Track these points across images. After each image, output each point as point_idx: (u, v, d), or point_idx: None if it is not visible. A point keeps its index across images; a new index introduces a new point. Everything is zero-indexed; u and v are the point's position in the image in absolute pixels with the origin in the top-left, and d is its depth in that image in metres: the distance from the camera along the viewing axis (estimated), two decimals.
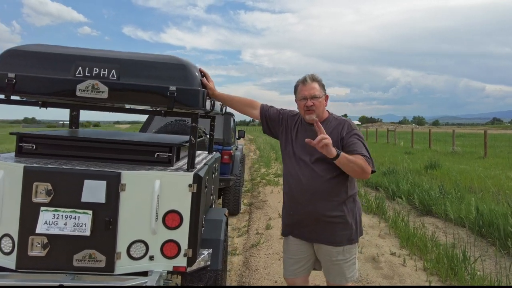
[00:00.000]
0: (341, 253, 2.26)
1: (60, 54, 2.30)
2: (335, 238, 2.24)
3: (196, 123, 2.49)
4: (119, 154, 2.60)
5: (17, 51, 2.32)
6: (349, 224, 2.25)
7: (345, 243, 2.25)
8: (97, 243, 2.25)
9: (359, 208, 2.37)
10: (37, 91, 2.26)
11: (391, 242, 4.74)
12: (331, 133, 2.23)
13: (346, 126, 2.27)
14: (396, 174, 8.46)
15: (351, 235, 2.27)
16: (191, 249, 2.38)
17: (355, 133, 2.25)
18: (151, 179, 2.33)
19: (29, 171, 2.24)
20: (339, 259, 2.26)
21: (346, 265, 2.28)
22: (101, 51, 2.40)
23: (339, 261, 2.27)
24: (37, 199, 2.23)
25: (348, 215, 2.25)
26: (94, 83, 2.22)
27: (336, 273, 2.29)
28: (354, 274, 2.33)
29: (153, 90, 2.26)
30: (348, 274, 2.29)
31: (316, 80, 2.31)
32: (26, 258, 2.24)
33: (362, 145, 2.20)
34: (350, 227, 2.25)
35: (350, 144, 2.19)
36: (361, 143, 2.21)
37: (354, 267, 2.32)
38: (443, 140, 23.79)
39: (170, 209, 2.36)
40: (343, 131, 2.24)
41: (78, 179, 2.23)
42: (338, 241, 2.24)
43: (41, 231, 2.20)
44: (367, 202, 6.64)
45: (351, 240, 2.27)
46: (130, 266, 2.33)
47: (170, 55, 2.43)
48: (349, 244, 2.27)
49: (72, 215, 2.23)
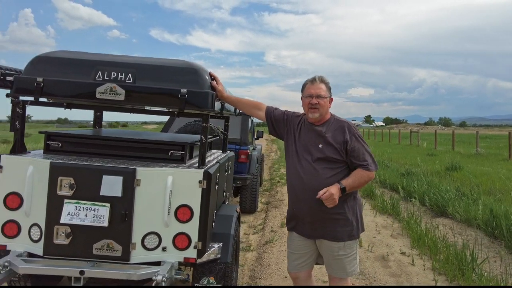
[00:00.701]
0: (342, 248, 2.37)
1: (82, 60, 2.52)
2: (336, 234, 2.35)
3: (207, 123, 2.66)
4: (136, 152, 2.80)
5: (45, 58, 2.55)
6: (350, 220, 2.36)
7: (346, 239, 2.36)
8: (114, 234, 2.45)
9: (360, 205, 2.48)
10: (61, 93, 2.48)
11: (402, 242, 4.78)
12: (333, 133, 2.37)
13: (348, 128, 2.39)
14: (413, 176, 8.40)
15: (352, 231, 2.37)
16: (200, 242, 2.55)
17: (356, 138, 2.37)
18: (164, 175, 2.52)
19: (54, 166, 2.46)
20: (340, 254, 2.38)
21: (347, 260, 2.39)
22: (120, 56, 2.60)
23: (340, 256, 2.38)
24: (61, 192, 2.45)
25: (349, 212, 2.36)
26: (112, 86, 2.42)
27: (337, 267, 2.41)
28: (355, 268, 2.44)
29: (165, 93, 2.44)
30: (349, 268, 2.41)
31: (324, 82, 2.44)
32: (52, 245, 2.46)
33: (363, 148, 2.35)
34: (351, 223, 2.36)
35: (354, 150, 2.33)
36: (362, 146, 2.36)
37: (355, 262, 2.43)
38: (467, 142, 23.20)
39: (182, 204, 2.54)
40: (346, 135, 2.36)
41: (97, 174, 2.44)
42: (339, 236, 2.35)
43: (64, 221, 2.42)
44: (382, 203, 6.66)
45: (351, 236, 2.37)
46: (145, 256, 2.52)
47: (182, 60, 2.61)
48: (349, 240, 2.37)
49: (92, 207, 2.44)
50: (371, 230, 5.35)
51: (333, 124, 2.42)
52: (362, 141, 2.37)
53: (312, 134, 2.40)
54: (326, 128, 2.40)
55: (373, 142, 29.43)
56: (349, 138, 2.34)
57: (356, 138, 2.35)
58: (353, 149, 2.32)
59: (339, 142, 2.33)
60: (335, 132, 2.37)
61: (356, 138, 2.35)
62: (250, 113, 2.75)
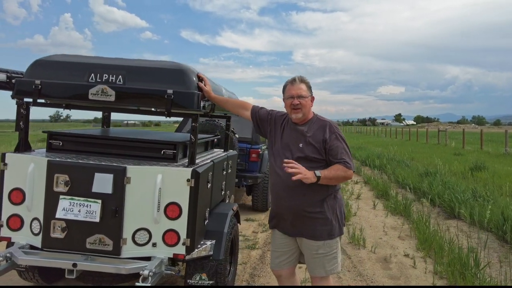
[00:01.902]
0: (322, 247, 2.38)
1: (77, 63, 2.64)
2: (315, 233, 2.37)
3: (196, 123, 2.72)
4: (131, 151, 2.91)
5: (44, 61, 2.69)
6: (329, 220, 2.37)
7: (326, 238, 2.37)
8: (105, 229, 2.56)
9: (341, 205, 2.48)
10: (57, 95, 2.62)
11: (409, 244, 4.70)
12: (314, 133, 2.39)
13: (328, 127, 2.40)
14: (433, 176, 8.16)
15: (331, 230, 2.38)
16: (189, 239, 2.62)
17: (336, 136, 2.37)
18: (153, 173, 2.60)
19: (51, 164, 2.60)
20: (319, 252, 2.39)
21: (326, 258, 2.40)
22: (112, 59, 2.71)
23: (319, 254, 2.39)
24: (57, 189, 2.58)
25: (328, 211, 2.37)
26: (103, 87, 2.53)
27: (317, 265, 2.42)
28: (335, 267, 2.44)
29: (153, 93, 2.53)
30: (328, 267, 2.41)
31: (304, 81, 2.46)
32: (49, 239, 2.60)
33: (343, 148, 2.34)
34: (330, 222, 2.37)
35: (332, 149, 2.33)
36: (342, 146, 2.35)
37: (335, 261, 2.43)
38: (498, 141, 22.23)
39: (171, 201, 2.62)
40: (326, 134, 2.37)
41: (90, 172, 2.55)
42: (318, 235, 2.37)
43: (59, 216, 2.55)
44: (395, 204, 6.54)
45: (331, 235, 2.38)
46: (135, 251, 2.61)
47: (171, 61, 2.68)
48: (329, 239, 2.38)
49: (84, 203, 2.56)
50: (378, 230, 5.28)
51: (315, 124, 2.44)
52: (342, 141, 2.37)
53: (294, 134, 2.43)
54: (308, 128, 2.42)
55: (400, 141, 28.74)
56: (329, 137, 2.35)
57: (336, 137, 2.36)
58: (331, 148, 2.33)
59: (319, 141, 2.35)
60: (316, 132, 2.39)
61: (336, 137, 2.36)
62: (237, 113, 2.79)
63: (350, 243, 4.73)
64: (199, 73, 2.69)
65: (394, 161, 12.15)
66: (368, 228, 5.43)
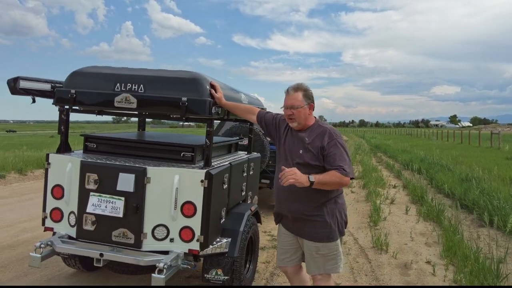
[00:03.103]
0: (321, 249, 2.48)
1: (105, 74, 2.95)
2: (315, 235, 2.47)
3: (212, 128, 2.92)
4: (155, 153, 3.17)
5: (78, 73, 3.03)
6: (328, 223, 2.45)
7: (325, 240, 2.46)
8: (128, 224, 2.83)
9: (342, 209, 2.54)
10: (89, 102, 2.94)
11: (434, 251, 4.59)
12: (314, 140, 2.45)
13: (328, 135, 2.44)
14: (471, 181, 7.79)
15: (330, 234, 2.46)
16: (202, 236, 2.83)
17: (335, 143, 2.40)
18: (171, 174, 2.84)
19: (83, 164, 2.93)
20: (318, 253, 2.49)
21: (325, 259, 2.49)
22: (135, 69, 2.99)
23: (318, 255, 2.50)
24: (88, 186, 2.90)
25: (327, 215, 2.44)
26: (127, 96, 2.81)
27: (315, 265, 2.52)
28: (334, 268, 2.51)
29: (169, 101, 2.77)
30: (327, 266, 2.50)
31: (301, 89, 2.48)
32: (82, 230, 2.93)
33: (341, 155, 2.36)
34: (329, 226, 2.45)
35: (329, 156, 2.37)
36: (340, 153, 2.37)
37: (335, 262, 2.51)
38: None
39: (187, 200, 2.84)
40: (325, 141, 2.41)
41: (115, 171, 2.84)
42: (318, 237, 2.47)
43: (89, 211, 2.87)
44: (428, 209, 6.36)
45: (330, 238, 2.46)
46: (154, 245, 2.87)
47: (187, 71, 2.91)
48: (328, 241, 2.47)
49: (110, 200, 2.85)
50: (405, 236, 5.20)
51: (316, 130, 2.49)
52: (341, 148, 2.38)
53: (295, 139, 2.52)
54: (308, 134, 2.49)
55: (451, 144, 27.37)
56: (327, 144, 2.38)
57: (334, 144, 2.38)
58: (329, 154, 2.36)
59: (317, 147, 2.40)
60: (315, 138, 2.44)
61: (335, 144, 2.38)
62: (244, 117, 2.97)
63: (373, 248, 4.72)
64: (212, 81, 2.89)
65: (437, 165, 11.68)
66: (395, 233, 5.36)
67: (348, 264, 4.23)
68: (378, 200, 7.45)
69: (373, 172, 11.23)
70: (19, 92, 3.12)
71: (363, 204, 7.43)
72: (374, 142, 28.63)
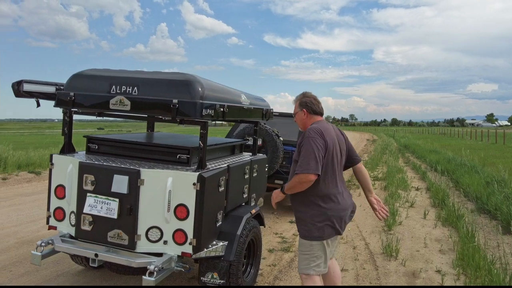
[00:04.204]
0: (300, 245, 2.65)
1: (102, 76, 2.99)
2: (299, 230, 2.67)
3: (205, 130, 2.90)
4: (152, 154, 3.19)
5: (78, 75, 3.09)
6: (307, 222, 2.59)
7: (301, 236, 2.64)
8: (122, 225, 2.86)
9: (326, 214, 2.56)
10: (87, 104, 2.99)
11: (448, 258, 4.37)
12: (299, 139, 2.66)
13: (303, 134, 2.62)
14: (495, 185, 7.38)
15: (306, 232, 2.60)
16: (195, 239, 2.82)
17: (304, 142, 2.53)
18: (165, 176, 2.85)
19: (81, 165, 2.98)
20: (299, 248, 2.68)
21: (301, 256, 2.63)
22: (131, 72, 3.01)
23: (299, 252, 2.67)
24: (86, 187, 2.96)
25: (307, 214, 2.58)
26: (121, 98, 2.83)
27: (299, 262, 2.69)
28: (305, 268, 2.59)
29: (160, 103, 2.77)
30: (300, 265, 2.64)
31: (296, 100, 2.84)
32: (80, 230, 2.99)
33: (303, 154, 2.49)
34: (307, 224, 2.59)
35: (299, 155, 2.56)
36: (304, 151, 2.50)
37: (308, 263, 2.58)
38: None
39: (180, 203, 2.84)
40: (300, 140, 2.62)
41: (110, 173, 2.88)
42: (300, 233, 2.66)
43: (86, 211, 2.92)
44: (447, 213, 6.08)
45: (305, 236, 2.60)
46: (148, 247, 2.89)
47: (181, 73, 2.91)
48: (304, 238, 2.63)
49: (105, 201, 2.89)
50: (419, 242, 4.98)
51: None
52: (306, 145, 2.50)
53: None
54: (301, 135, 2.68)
55: (484, 144, 26.18)
56: (300, 143, 2.58)
57: (304, 143, 2.53)
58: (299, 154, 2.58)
59: (298, 146, 2.62)
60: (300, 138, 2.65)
61: (304, 143, 2.53)
62: None
63: (382, 254, 4.55)
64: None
65: (465, 166, 11.18)
66: (409, 239, 5.15)
67: (354, 270, 4.10)
68: (397, 203, 7.20)
69: (397, 173, 10.88)
70: (22, 95, 3.22)
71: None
72: (404, 141, 27.76)
